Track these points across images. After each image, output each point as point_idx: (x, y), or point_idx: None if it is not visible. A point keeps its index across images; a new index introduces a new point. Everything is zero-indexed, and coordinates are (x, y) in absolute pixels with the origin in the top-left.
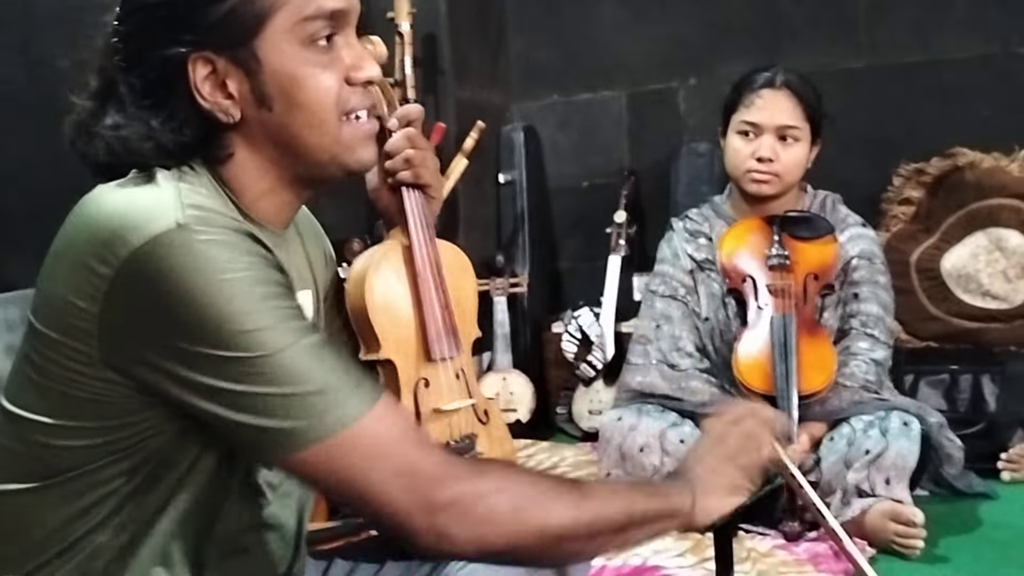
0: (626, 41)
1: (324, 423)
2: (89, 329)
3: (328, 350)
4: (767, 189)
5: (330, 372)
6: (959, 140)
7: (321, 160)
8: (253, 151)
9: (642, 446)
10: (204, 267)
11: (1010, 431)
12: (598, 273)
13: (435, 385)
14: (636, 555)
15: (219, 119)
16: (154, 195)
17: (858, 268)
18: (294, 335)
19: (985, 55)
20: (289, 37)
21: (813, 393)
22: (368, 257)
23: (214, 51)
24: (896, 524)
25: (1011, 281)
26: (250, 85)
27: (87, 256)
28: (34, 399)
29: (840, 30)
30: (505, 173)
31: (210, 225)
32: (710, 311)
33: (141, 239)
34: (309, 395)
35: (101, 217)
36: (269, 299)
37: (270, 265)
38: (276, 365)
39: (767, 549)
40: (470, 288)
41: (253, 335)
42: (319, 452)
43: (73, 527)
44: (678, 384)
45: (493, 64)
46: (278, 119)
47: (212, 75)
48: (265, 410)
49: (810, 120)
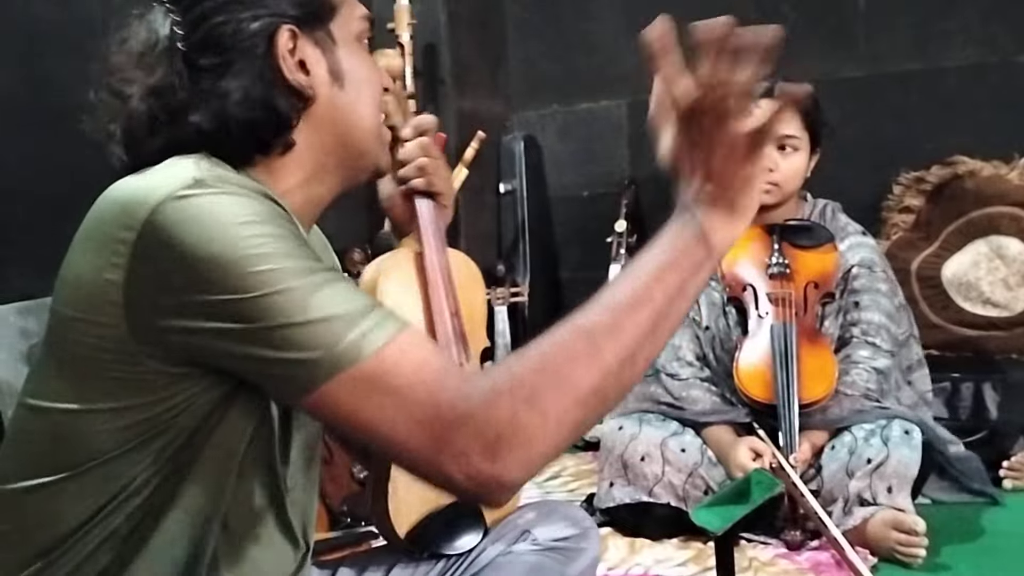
0: (626, 50)
1: (342, 355)
2: (115, 299)
3: (347, 285)
4: (767, 199)
5: (348, 305)
6: (959, 148)
7: (367, 148)
8: (313, 135)
9: (643, 455)
10: (220, 213)
11: (1011, 439)
12: (599, 282)
13: None
14: (638, 565)
15: (298, 93)
16: (173, 165)
17: (858, 276)
18: (310, 271)
19: (984, 63)
20: (350, 29)
21: (814, 402)
22: (379, 264)
23: (297, 26)
24: (898, 533)
25: (1012, 289)
26: (327, 62)
27: (111, 227)
28: (59, 388)
29: (839, 39)
30: (506, 183)
31: (228, 182)
32: (710, 320)
33: (160, 198)
34: (326, 326)
35: (123, 192)
36: (284, 240)
37: (286, 220)
38: (296, 299)
39: (769, 558)
40: (480, 298)
41: (271, 273)
42: (338, 386)
43: (94, 516)
44: (679, 393)
45: (493, 74)
46: (346, 96)
47: (292, 51)
48: (288, 342)
49: (809, 130)
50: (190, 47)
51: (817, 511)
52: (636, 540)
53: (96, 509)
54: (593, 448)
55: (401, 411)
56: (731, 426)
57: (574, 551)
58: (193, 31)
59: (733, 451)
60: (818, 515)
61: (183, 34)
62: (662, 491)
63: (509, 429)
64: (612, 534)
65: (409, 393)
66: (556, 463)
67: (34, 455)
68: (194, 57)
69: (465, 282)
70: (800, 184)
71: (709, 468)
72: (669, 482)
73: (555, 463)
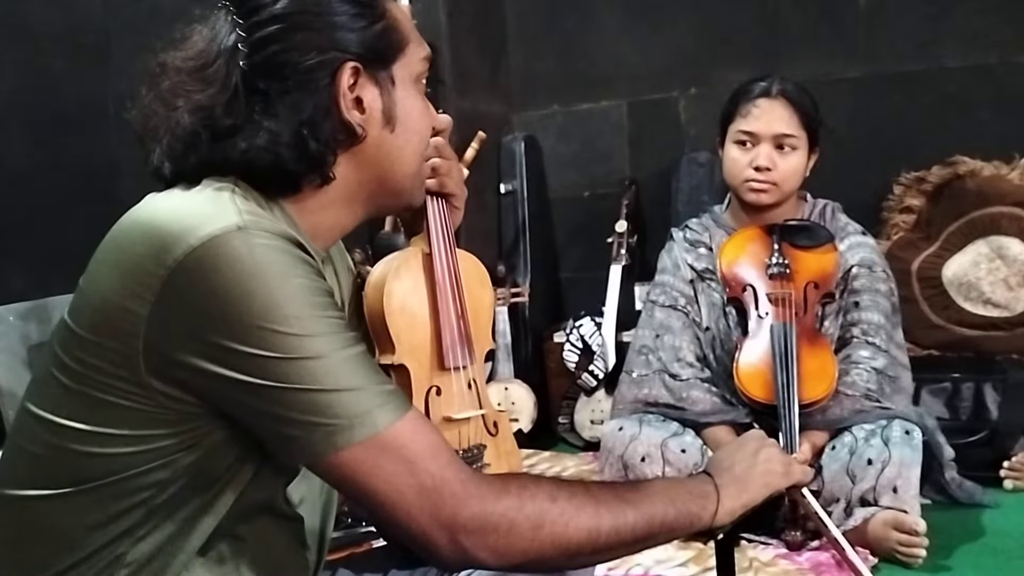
0: (626, 51)
1: (362, 424)
2: (135, 331)
3: (368, 360)
4: (765, 198)
5: (369, 379)
6: (959, 148)
7: (402, 188)
8: (353, 172)
9: (643, 456)
10: (263, 270)
11: (1012, 439)
12: (599, 283)
13: (447, 393)
14: (638, 564)
15: (351, 131)
16: (211, 199)
17: (858, 276)
18: (340, 342)
19: (984, 64)
20: (412, 70)
21: (814, 402)
22: (388, 262)
23: (361, 64)
24: (899, 533)
25: (1012, 289)
26: (383, 104)
27: (142, 259)
28: (68, 404)
29: (839, 39)
30: (506, 183)
31: (267, 231)
32: (711, 321)
33: (200, 239)
34: (349, 397)
35: (158, 221)
36: (320, 308)
37: (319, 275)
38: (326, 367)
39: (769, 558)
40: (487, 299)
41: (306, 339)
42: (353, 454)
43: (95, 536)
44: (679, 394)
45: (494, 74)
46: (394, 140)
47: (352, 87)
48: (306, 408)
49: (807, 129)
50: (251, 67)
51: (818, 511)
52: None
53: (86, 530)
54: (593, 448)
55: (412, 479)
56: (731, 427)
57: None
58: (257, 51)
59: None
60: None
61: (246, 52)
62: None
63: (505, 523)
64: None
65: (422, 464)
66: (557, 463)
67: (33, 466)
68: (252, 79)
69: (473, 284)
70: (798, 183)
71: None
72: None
73: (556, 463)
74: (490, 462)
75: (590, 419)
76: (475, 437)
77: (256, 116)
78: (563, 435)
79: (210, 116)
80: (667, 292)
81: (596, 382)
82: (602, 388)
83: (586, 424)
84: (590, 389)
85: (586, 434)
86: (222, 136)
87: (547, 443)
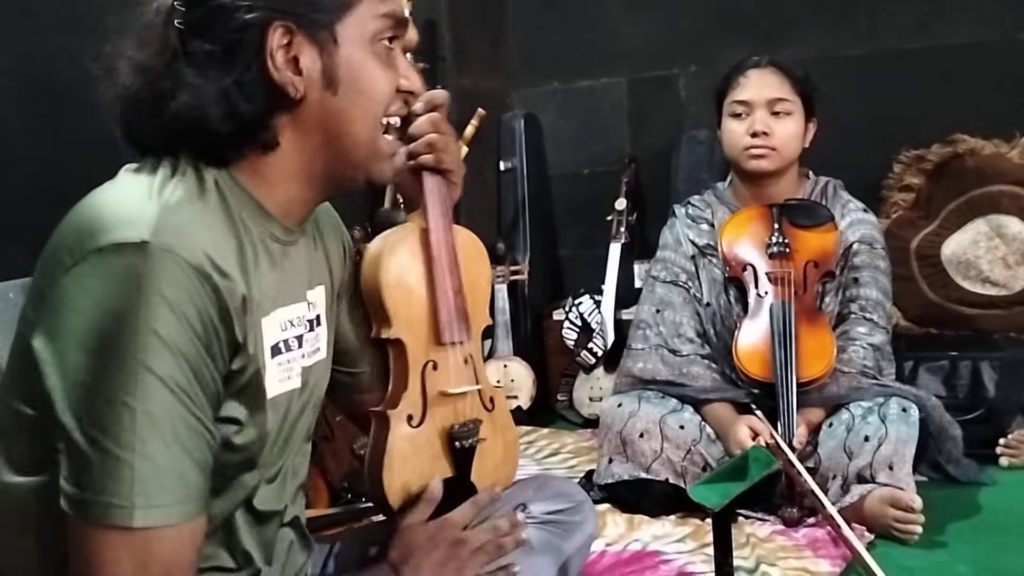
0: (626, 28)
1: (123, 508)
2: (39, 309)
3: (184, 443)
4: (766, 164)
5: (172, 463)
6: (959, 127)
7: (356, 159)
8: (299, 138)
9: (642, 432)
10: (142, 303)
11: (1009, 417)
12: (599, 260)
13: (443, 368)
14: (636, 541)
15: (285, 93)
16: (141, 200)
17: (859, 253)
18: (164, 413)
19: (985, 41)
20: (364, 29)
21: (812, 380)
22: (385, 238)
23: (296, 23)
24: (895, 510)
25: (1011, 268)
26: (322, 64)
27: (64, 244)
28: (22, 386)
29: (841, 16)
30: (505, 160)
31: (171, 251)
32: (711, 296)
33: (105, 242)
34: (136, 471)
35: (88, 212)
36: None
37: (209, 316)
38: (134, 426)
39: (766, 534)
40: (484, 276)
41: (129, 385)
42: (106, 534)
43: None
44: (679, 369)
45: (493, 51)
46: (338, 104)
47: (286, 47)
48: (85, 459)
49: (800, 95)
50: (186, 27)
51: (813, 489)
52: (634, 517)
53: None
54: (592, 425)
55: None
56: (731, 404)
57: (570, 525)
58: (191, 9)
59: (733, 429)
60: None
61: (183, 11)
62: (660, 467)
63: None
64: (610, 511)
65: None
66: (556, 440)
67: (19, 453)
68: (188, 38)
69: (470, 260)
70: (797, 150)
71: (707, 445)
72: (667, 458)
73: (555, 440)
74: (486, 436)
75: (589, 396)
76: (471, 412)
77: (187, 78)
78: (562, 412)
79: (147, 78)
80: (668, 268)
81: (595, 360)
82: (601, 366)
83: (585, 401)
84: (589, 367)
85: (585, 411)
86: (160, 99)
87: (546, 420)
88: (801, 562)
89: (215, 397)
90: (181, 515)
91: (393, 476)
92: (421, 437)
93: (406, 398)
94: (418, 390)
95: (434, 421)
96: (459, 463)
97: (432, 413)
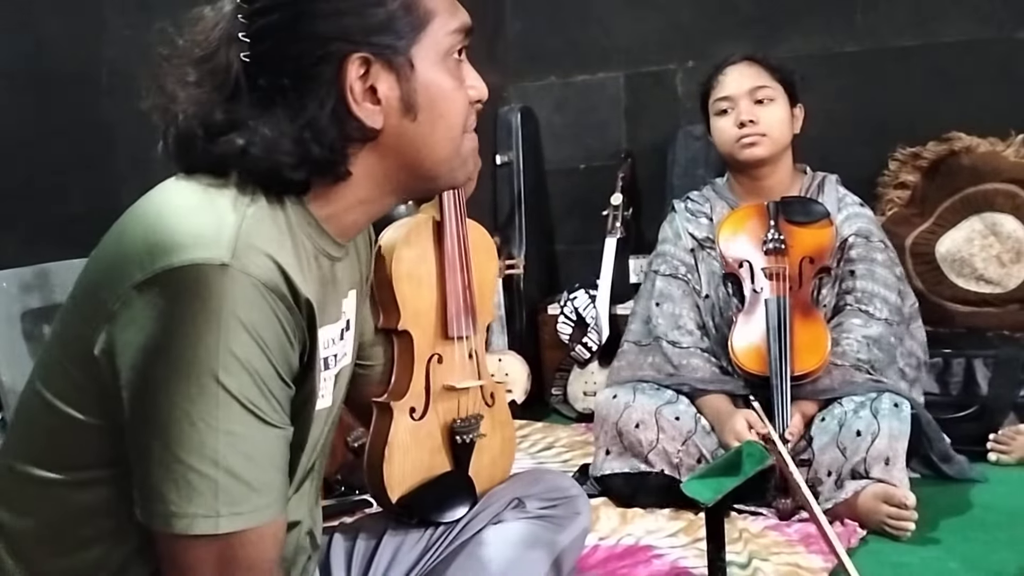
0: (624, 23)
1: (208, 518)
2: (101, 318)
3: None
4: (759, 151)
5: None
6: (955, 124)
7: (439, 173)
8: (373, 165)
9: (638, 422)
10: (220, 325)
11: (1002, 414)
12: (594, 255)
13: (448, 362)
14: (629, 535)
15: (363, 126)
16: (216, 217)
17: (855, 246)
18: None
19: (982, 39)
20: (438, 48)
21: (807, 373)
22: (398, 228)
23: (372, 52)
24: (888, 506)
25: (1005, 266)
26: (400, 92)
27: (130, 252)
28: (67, 390)
29: (837, 13)
30: (502, 154)
31: (250, 274)
32: (710, 289)
33: (182, 261)
34: (211, 482)
35: (160, 224)
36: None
37: (282, 337)
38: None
39: (759, 530)
40: (492, 271)
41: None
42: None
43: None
44: (678, 361)
45: (491, 45)
46: (418, 129)
47: (363, 78)
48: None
49: (780, 82)
50: (252, 60)
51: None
52: (628, 511)
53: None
54: (586, 420)
55: None
56: (728, 396)
57: (564, 519)
58: (258, 43)
59: (731, 421)
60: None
61: (248, 43)
62: (656, 458)
63: None
64: (604, 504)
65: None
66: (550, 434)
67: (46, 448)
68: (254, 73)
69: (479, 255)
70: (787, 135)
71: (703, 437)
72: (663, 449)
73: (549, 434)
74: (486, 432)
75: (583, 391)
76: (473, 407)
77: (257, 114)
78: (556, 406)
79: (207, 115)
80: (668, 261)
81: (589, 354)
82: (595, 360)
83: (579, 396)
84: (583, 361)
85: (579, 406)
86: (219, 135)
87: (540, 414)
88: (793, 557)
89: (288, 407)
90: (264, 518)
91: (393, 468)
92: (423, 430)
93: (411, 390)
94: (422, 383)
95: (436, 415)
96: (458, 457)
97: (435, 407)
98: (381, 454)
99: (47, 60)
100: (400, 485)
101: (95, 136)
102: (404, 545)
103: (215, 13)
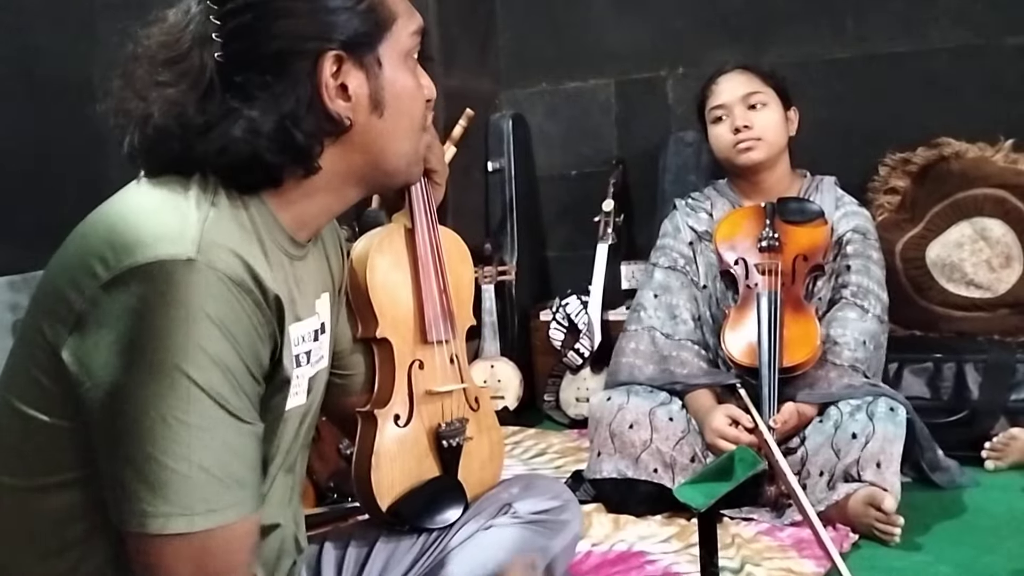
0: (615, 30)
1: (183, 516)
2: (66, 319)
3: (237, 454)
4: (756, 155)
5: (222, 469)
6: (945, 130)
7: (399, 168)
8: (339, 160)
9: (631, 423)
10: (188, 320)
11: (992, 419)
12: (586, 261)
13: (429, 367)
14: (622, 541)
15: (334, 121)
16: (180, 215)
17: (852, 242)
18: (216, 425)
19: (971, 45)
20: (400, 48)
21: (796, 365)
22: (370, 238)
23: (344, 50)
24: (875, 511)
25: (995, 270)
26: (369, 89)
27: (94, 253)
28: (38, 397)
29: (828, 20)
30: (493, 161)
31: (215, 268)
32: (708, 280)
33: (147, 259)
34: (184, 479)
35: (122, 223)
36: (228, 368)
37: (251, 332)
38: (174, 437)
39: (751, 535)
40: (468, 276)
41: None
42: (161, 539)
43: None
44: (667, 352)
45: (482, 52)
46: (383, 125)
47: (335, 75)
48: (138, 469)
49: (772, 87)
50: (226, 59)
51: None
52: (620, 517)
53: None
54: (579, 426)
55: None
56: (713, 392)
57: (556, 524)
58: (232, 42)
59: (710, 416)
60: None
61: (221, 42)
62: (649, 458)
63: None
64: (596, 510)
65: None
66: (542, 440)
67: (15, 455)
68: (228, 72)
69: (454, 260)
70: (783, 137)
71: (695, 437)
72: (657, 449)
73: (541, 440)
74: (472, 435)
75: (575, 397)
76: (458, 411)
77: (234, 108)
78: (548, 413)
79: (183, 114)
80: (667, 254)
81: (582, 360)
82: (587, 366)
83: (571, 402)
84: (576, 367)
85: (571, 412)
86: (195, 133)
87: (532, 420)
88: (786, 562)
89: (258, 404)
90: (237, 514)
91: (381, 476)
92: (408, 437)
93: (394, 397)
94: (405, 389)
95: (421, 420)
96: (446, 462)
97: (419, 412)
98: (368, 463)
99: (39, 67)
100: (389, 493)
101: (86, 143)
102: (396, 552)
103: (181, 15)
